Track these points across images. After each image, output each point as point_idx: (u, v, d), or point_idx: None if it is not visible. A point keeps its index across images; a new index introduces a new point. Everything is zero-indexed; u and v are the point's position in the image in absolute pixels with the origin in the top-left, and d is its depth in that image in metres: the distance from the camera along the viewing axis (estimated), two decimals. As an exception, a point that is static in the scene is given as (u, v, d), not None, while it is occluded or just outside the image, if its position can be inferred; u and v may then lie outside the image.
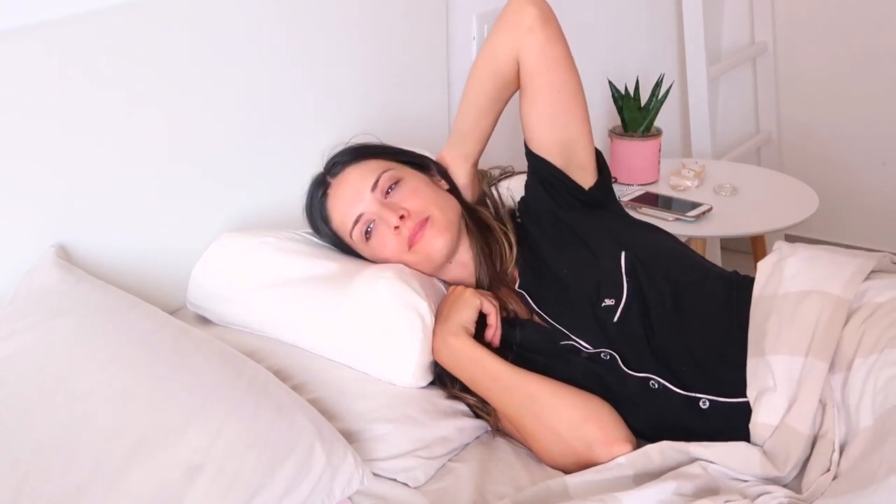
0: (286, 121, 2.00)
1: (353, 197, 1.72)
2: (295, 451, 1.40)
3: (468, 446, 1.63)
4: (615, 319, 1.62)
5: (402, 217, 1.68)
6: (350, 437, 1.52)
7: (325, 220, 1.77)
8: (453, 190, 1.81)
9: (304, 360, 1.67)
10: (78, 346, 1.47)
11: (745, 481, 1.47)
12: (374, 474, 1.50)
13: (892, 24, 3.17)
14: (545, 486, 1.50)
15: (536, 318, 1.71)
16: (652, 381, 1.60)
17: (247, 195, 1.95)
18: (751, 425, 1.51)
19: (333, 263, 1.75)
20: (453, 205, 1.75)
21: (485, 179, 1.92)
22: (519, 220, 1.83)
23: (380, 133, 2.08)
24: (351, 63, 2.12)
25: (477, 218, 1.79)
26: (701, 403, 1.57)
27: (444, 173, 1.83)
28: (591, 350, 1.64)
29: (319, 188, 1.78)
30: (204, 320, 1.80)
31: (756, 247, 2.85)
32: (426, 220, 1.69)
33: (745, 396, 1.53)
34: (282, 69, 1.98)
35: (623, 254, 1.65)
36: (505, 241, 1.76)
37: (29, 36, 1.59)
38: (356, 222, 1.72)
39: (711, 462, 1.48)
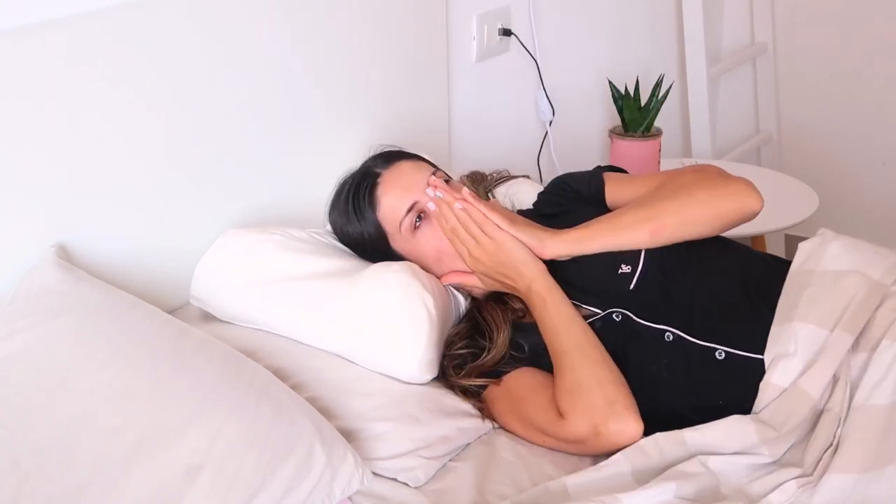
0: (286, 122, 2.00)
1: (410, 184, 1.74)
2: (295, 451, 1.40)
3: (469, 446, 1.63)
4: (631, 287, 1.65)
5: None
6: (350, 435, 1.53)
7: (373, 207, 1.76)
8: None
9: (304, 358, 1.67)
10: (78, 346, 1.47)
11: (744, 463, 1.47)
12: (375, 474, 1.50)
13: (892, 25, 3.17)
14: (544, 488, 1.50)
15: None
16: (667, 333, 1.62)
17: (247, 195, 1.95)
18: (762, 384, 1.53)
19: (338, 261, 1.75)
20: None
21: (482, 184, 1.92)
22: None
23: (380, 133, 2.09)
24: (351, 64, 2.12)
25: None
26: (717, 354, 1.58)
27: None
28: (602, 312, 1.66)
29: (367, 178, 1.78)
30: (206, 315, 1.80)
31: (756, 247, 2.84)
32: None
33: (760, 354, 1.55)
34: (284, 71, 1.98)
35: None
36: None
37: (29, 36, 1.59)
38: (410, 209, 1.73)
39: (709, 455, 1.48)
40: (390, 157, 1.81)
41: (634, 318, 1.64)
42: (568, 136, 2.82)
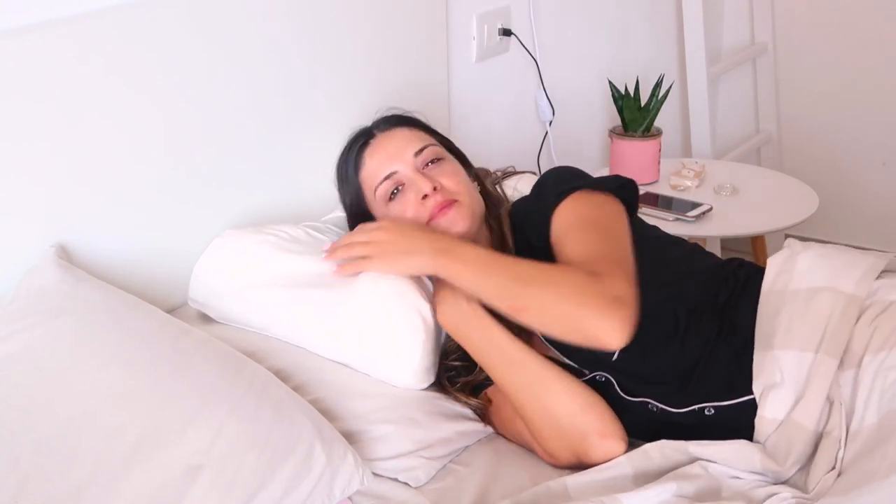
0: (288, 122, 2.00)
1: (395, 153, 1.72)
2: (295, 451, 1.40)
3: (470, 447, 1.64)
4: (614, 359, 1.60)
5: (434, 189, 1.68)
6: (351, 437, 1.53)
7: (357, 167, 1.75)
8: (484, 197, 1.80)
9: (305, 360, 1.67)
10: (78, 345, 1.47)
11: (746, 479, 1.47)
12: (375, 474, 1.50)
13: (892, 25, 3.17)
14: (545, 487, 1.50)
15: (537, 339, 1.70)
16: (650, 405, 1.61)
17: (247, 195, 1.95)
18: (756, 420, 1.51)
19: (334, 262, 1.75)
20: (481, 202, 1.76)
21: (489, 178, 1.91)
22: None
23: (380, 133, 2.08)
24: (352, 64, 2.12)
25: (497, 229, 1.77)
26: (706, 412, 1.57)
27: (477, 178, 1.83)
28: (587, 374, 1.64)
29: (361, 137, 1.78)
30: (205, 317, 1.80)
31: (756, 247, 2.85)
32: (454, 201, 1.69)
33: (750, 394, 1.53)
34: (284, 71, 1.98)
35: None
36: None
37: (29, 36, 1.59)
38: (387, 177, 1.71)
39: (711, 461, 1.48)
40: (390, 122, 1.79)
41: (617, 388, 1.62)
42: (568, 136, 2.82)
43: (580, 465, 1.56)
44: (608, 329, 1.45)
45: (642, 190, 2.59)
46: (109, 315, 1.54)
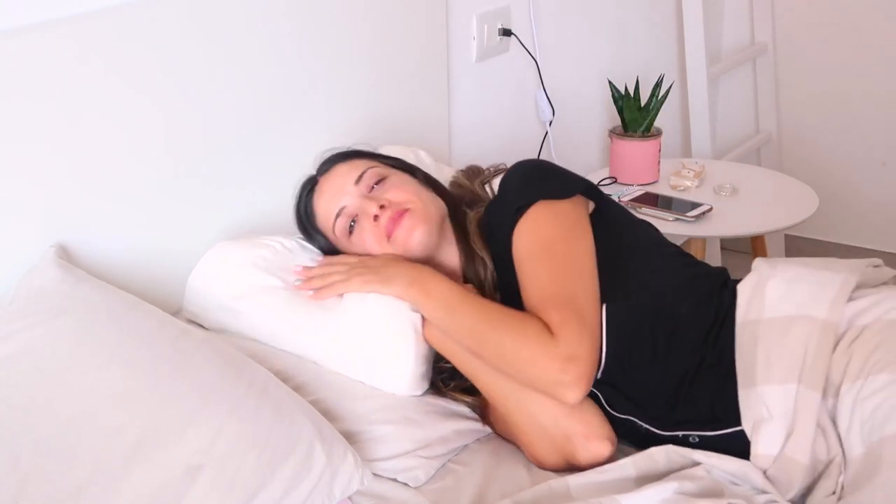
0: (288, 122, 2.00)
1: (337, 190, 1.73)
2: (295, 451, 1.41)
3: (469, 446, 1.64)
4: (598, 377, 1.59)
5: (382, 207, 1.68)
6: (351, 437, 1.53)
7: (311, 217, 1.77)
8: (443, 196, 1.79)
9: (305, 361, 1.67)
10: (78, 345, 1.47)
11: (747, 486, 1.47)
12: (375, 474, 1.50)
13: (892, 25, 3.17)
14: (546, 487, 1.50)
15: None
16: (636, 424, 1.61)
17: (247, 196, 1.95)
18: (752, 457, 1.50)
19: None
20: (438, 204, 1.75)
21: (477, 178, 1.90)
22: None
23: (380, 133, 2.09)
24: (352, 64, 2.12)
25: (462, 224, 1.76)
26: (690, 440, 1.57)
27: (430, 180, 1.82)
28: None
29: (307, 186, 1.80)
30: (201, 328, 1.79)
31: (756, 247, 2.85)
32: (405, 210, 1.68)
33: (738, 425, 1.52)
34: (284, 71, 1.98)
35: (604, 306, 1.59)
36: (482, 266, 1.72)
37: (29, 36, 1.59)
38: (338, 215, 1.72)
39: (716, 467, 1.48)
40: (328, 162, 1.79)
41: (605, 403, 1.62)
42: (568, 136, 2.82)
43: (570, 469, 1.57)
44: (560, 387, 1.50)
45: (642, 190, 2.61)
46: (109, 315, 1.54)
